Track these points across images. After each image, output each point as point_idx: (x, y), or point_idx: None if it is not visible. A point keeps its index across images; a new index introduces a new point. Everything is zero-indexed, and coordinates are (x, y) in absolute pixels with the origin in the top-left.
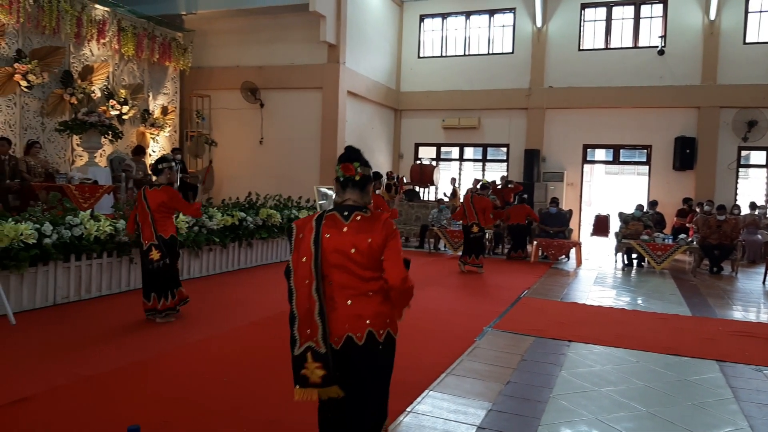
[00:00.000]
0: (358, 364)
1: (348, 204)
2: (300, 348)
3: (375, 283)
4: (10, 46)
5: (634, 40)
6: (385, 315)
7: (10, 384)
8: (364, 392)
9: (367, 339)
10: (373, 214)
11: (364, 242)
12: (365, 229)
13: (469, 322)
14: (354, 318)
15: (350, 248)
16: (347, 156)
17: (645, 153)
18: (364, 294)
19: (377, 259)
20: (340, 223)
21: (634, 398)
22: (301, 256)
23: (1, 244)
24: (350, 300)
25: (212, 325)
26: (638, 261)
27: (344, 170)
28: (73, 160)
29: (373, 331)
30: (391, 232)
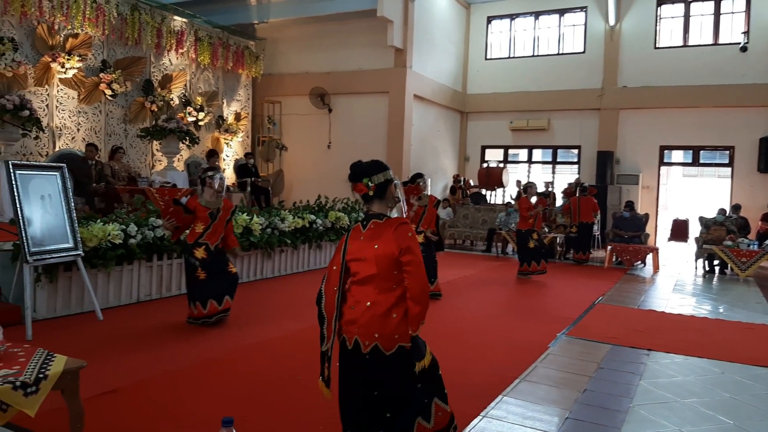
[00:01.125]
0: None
1: (370, 213)
2: (326, 345)
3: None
4: (96, 57)
5: (714, 36)
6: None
7: (99, 376)
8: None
9: (372, 350)
10: (388, 220)
11: (371, 249)
12: (375, 236)
13: (541, 328)
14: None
15: (363, 256)
16: (354, 176)
17: (727, 154)
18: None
19: (387, 269)
20: (359, 233)
21: (719, 410)
22: (333, 264)
23: (91, 243)
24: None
25: (284, 324)
26: (720, 268)
27: (357, 191)
28: (153, 165)
29: (359, 340)
30: (406, 241)
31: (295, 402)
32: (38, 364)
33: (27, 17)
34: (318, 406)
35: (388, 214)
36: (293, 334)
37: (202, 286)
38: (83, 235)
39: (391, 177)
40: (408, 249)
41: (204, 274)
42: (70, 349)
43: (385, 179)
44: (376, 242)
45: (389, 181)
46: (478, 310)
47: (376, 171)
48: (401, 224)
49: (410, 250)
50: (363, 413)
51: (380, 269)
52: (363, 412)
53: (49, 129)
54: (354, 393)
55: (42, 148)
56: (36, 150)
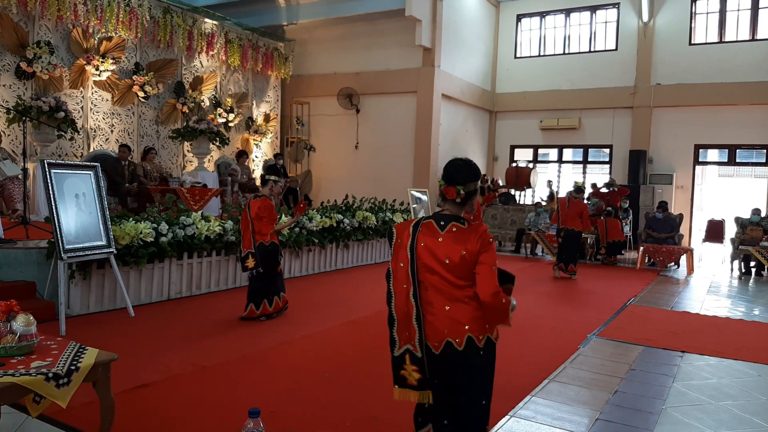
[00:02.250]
0: (458, 369)
1: (445, 213)
2: (399, 350)
3: (470, 290)
4: (129, 60)
5: (752, 32)
6: (484, 320)
7: (131, 371)
8: (465, 397)
9: (466, 344)
10: (471, 225)
11: (458, 254)
12: (460, 240)
13: (572, 328)
14: (453, 323)
15: (444, 258)
16: (451, 178)
17: (764, 153)
18: (461, 300)
19: (471, 270)
20: (436, 233)
21: (756, 413)
22: (399, 261)
23: (123, 241)
24: (448, 305)
25: (313, 322)
26: (757, 269)
27: (446, 193)
28: (184, 165)
29: (472, 336)
30: (485, 244)
31: (323, 398)
32: (70, 356)
33: (63, 21)
34: (345, 403)
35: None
36: (321, 332)
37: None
38: (116, 233)
39: (478, 188)
40: (487, 252)
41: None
42: (102, 345)
43: (475, 189)
44: (463, 247)
45: (476, 191)
46: None
47: (473, 179)
48: (484, 231)
49: (489, 254)
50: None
51: (463, 272)
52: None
53: (83, 130)
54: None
55: (77, 149)
56: (71, 151)
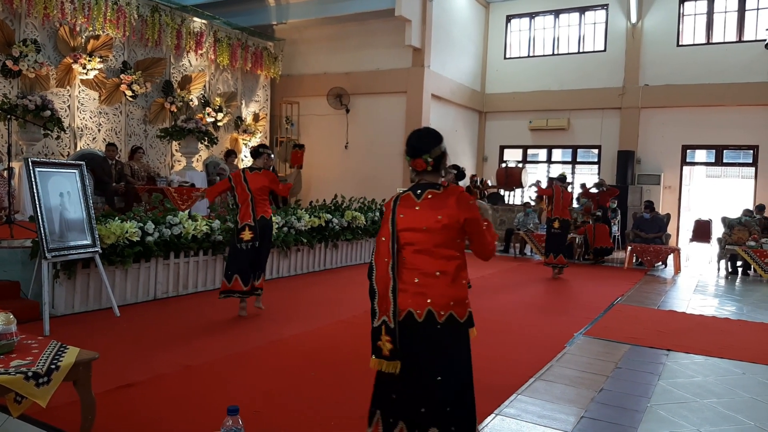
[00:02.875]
0: (416, 340)
1: (422, 183)
2: (378, 321)
3: (446, 263)
4: (116, 59)
5: (739, 33)
6: (450, 297)
7: (115, 371)
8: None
9: (426, 317)
10: (446, 189)
11: (434, 219)
12: (436, 205)
13: (559, 327)
14: (418, 295)
15: (422, 226)
16: (412, 151)
17: (751, 154)
18: (431, 274)
19: (451, 238)
20: (413, 202)
21: (740, 411)
22: (382, 236)
23: (109, 240)
24: (417, 278)
25: (301, 322)
26: (743, 269)
27: (415, 166)
28: (172, 165)
29: (433, 310)
30: (465, 206)
31: (309, 398)
32: (51, 355)
33: (49, 19)
34: (332, 402)
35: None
36: (308, 332)
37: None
38: (101, 232)
39: (445, 147)
40: (472, 216)
41: None
42: (86, 344)
43: (441, 152)
44: (439, 212)
45: (443, 153)
46: (496, 309)
47: (435, 144)
48: (462, 193)
49: (475, 219)
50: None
51: (446, 239)
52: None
53: (70, 129)
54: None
55: (63, 148)
56: (57, 150)
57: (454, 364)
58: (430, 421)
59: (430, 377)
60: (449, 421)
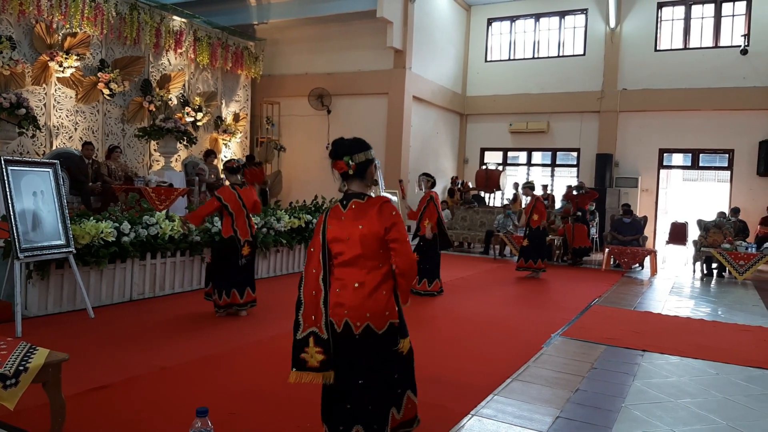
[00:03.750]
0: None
1: (349, 193)
2: (303, 333)
3: (366, 275)
4: (94, 57)
5: (715, 39)
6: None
7: (88, 372)
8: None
9: (343, 328)
10: (369, 200)
11: (356, 229)
12: (359, 215)
13: (536, 328)
14: (337, 306)
15: (346, 236)
16: (335, 153)
17: (726, 158)
18: (350, 286)
19: (374, 248)
20: (340, 213)
21: (713, 411)
22: (311, 246)
23: (83, 241)
24: (338, 289)
25: (280, 323)
26: (718, 271)
27: (337, 169)
28: (150, 165)
29: (349, 322)
30: (390, 219)
31: (286, 399)
32: (19, 356)
33: (25, 16)
34: (308, 403)
35: (368, 194)
36: (287, 334)
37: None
38: (75, 232)
39: (373, 157)
40: (393, 226)
41: None
42: (59, 346)
43: (366, 159)
44: (360, 222)
45: (370, 161)
46: (475, 310)
47: (358, 149)
48: (384, 203)
49: (396, 228)
50: (343, 402)
51: (366, 249)
52: (343, 401)
53: (46, 128)
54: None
55: (39, 147)
56: (33, 149)
57: (376, 370)
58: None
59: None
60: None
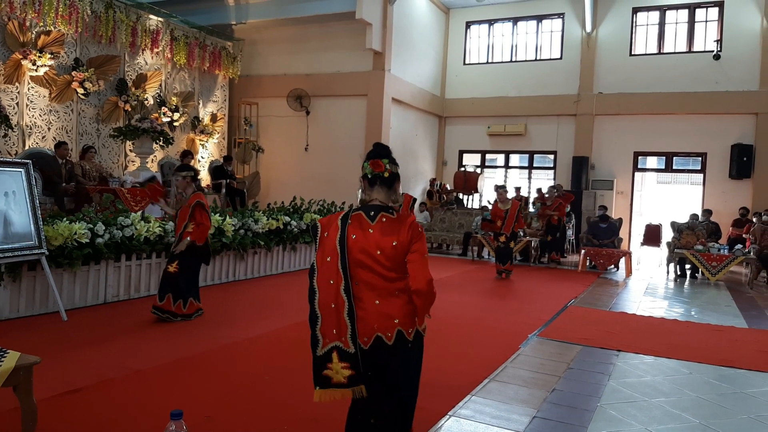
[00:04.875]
0: (388, 363)
1: (374, 204)
2: (324, 348)
3: (401, 283)
4: (68, 55)
5: (689, 44)
6: (414, 314)
7: (61, 375)
8: (394, 392)
9: (396, 338)
10: (400, 215)
11: (389, 244)
12: (391, 230)
13: (514, 329)
14: (383, 317)
15: (376, 250)
16: (377, 152)
17: (699, 161)
18: (392, 293)
19: (402, 261)
20: (366, 224)
21: (686, 409)
22: (326, 256)
23: (56, 242)
24: (378, 300)
25: (257, 325)
26: (692, 272)
27: (373, 167)
28: (126, 165)
29: (402, 330)
30: (416, 234)
31: (262, 402)
32: None
33: None
34: (285, 406)
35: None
36: (264, 335)
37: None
38: (48, 233)
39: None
40: (418, 241)
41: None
42: (31, 349)
43: (397, 173)
44: (394, 238)
45: (398, 177)
46: (452, 311)
47: (395, 162)
48: (414, 221)
49: (419, 243)
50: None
51: (396, 263)
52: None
53: (18, 127)
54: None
55: (11, 147)
56: (5, 149)
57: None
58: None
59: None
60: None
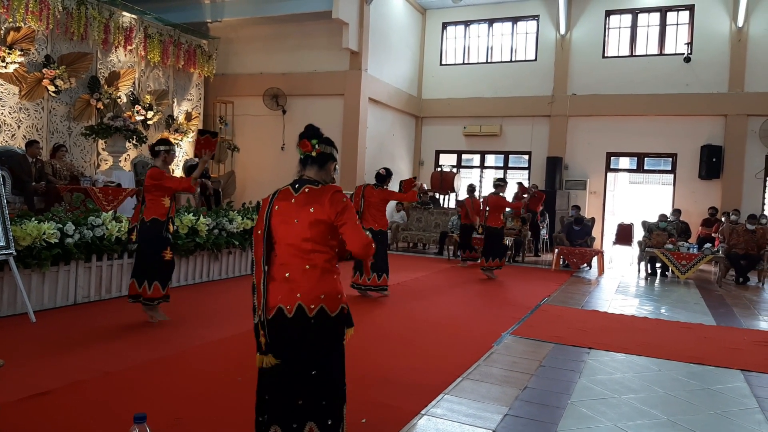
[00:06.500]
0: (287, 336)
1: (303, 178)
2: (257, 316)
3: (316, 257)
4: (39, 52)
5: (660, 47)
6: (319, 291)
7: (28, 378)
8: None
9: (296, 312)
10: (324, 186)
11: (307, 212)
12: (311, 200)
13: (487, 327)
14: (287, 291)
15: (294, 219)
16: (306, 133)
17: (670, 161)
18: (301, 268)
19: (322, 233)
20: (290, 195)
21: (655, 406)
22: (257, 229)
23: (24, 242)
24: (288, 272)
25: (230, 325)
26: (662, 270)
27: (302, 147)
28: (98, 164)
29: (303, 305)
30: (341, 205)
31: (233, 403)
32: None
33: None
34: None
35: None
36: (236, 336)
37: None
38: (16, 233)
39: (336, 158)
40: (344, 210)
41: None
42: None
43: (331, 153)
44: (312, 206)
45: (333, 158)
46: (427, 310)
47: (327, 142)
48: (336, 191)
49: (346, 212)
50: (292, 397)
51: (315, 233)
52: (292, 396)
53: None
54: (285, 372)
55: None
56: None
57: (329, 357)
58: (307, 415)
59: (304, 372)
60: (325, 415)
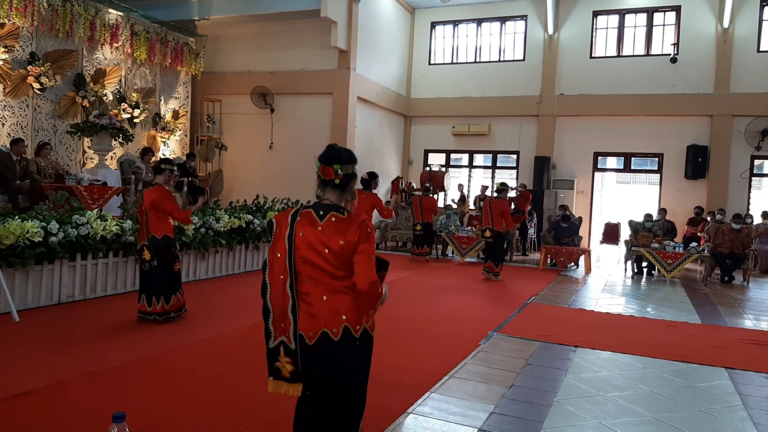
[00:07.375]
0: (335, 359)
1: (325, 203)
2: (274, 341)
3: (348, 281)
4: (24, 49)
5: (647, 47)
6: (361, 311)
7: (12, 379)
8: (341, 389)
9: (343, 334)
10: (350, 215)
11: (337, 244)
12: (339, 230)
13: (475, 326)
14: (330, 313)
15: (323, 248)
16: (328, 157)
17: (656, 161)
18: (339, 290)
19: (349, 260)
20: (315, 222)
21: (640, 404)
22: (276, 252)
23: (7, 241)
24: (326, 296)
25: (216, 325)
26: (648, 269)
27: (324, 174)
28: (84, 162)
29: (349, 326)
30: (366, 235)
31: (219, 403)
32: None
33: None
34: (242, 406)
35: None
36: (222, 336)
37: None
38: None
39: (356, 172)
40: (365, 240)
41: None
42: None
43: (353, 172)
44: (341, 238)
45: (354, 175)
46: (414, 309)
47: (349, 161)
48: (363, 221)
49: (367, 242)
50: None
51: (341, 262)
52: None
53: None
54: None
55: None
56: None
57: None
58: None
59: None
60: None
